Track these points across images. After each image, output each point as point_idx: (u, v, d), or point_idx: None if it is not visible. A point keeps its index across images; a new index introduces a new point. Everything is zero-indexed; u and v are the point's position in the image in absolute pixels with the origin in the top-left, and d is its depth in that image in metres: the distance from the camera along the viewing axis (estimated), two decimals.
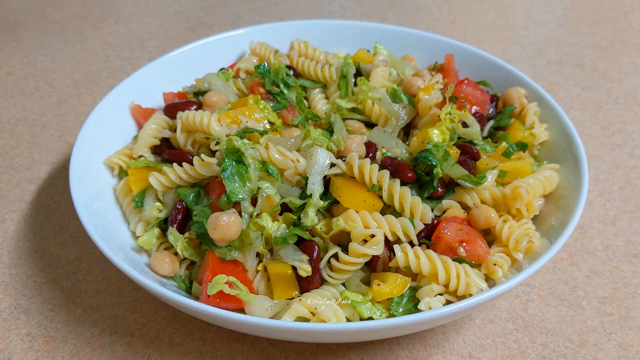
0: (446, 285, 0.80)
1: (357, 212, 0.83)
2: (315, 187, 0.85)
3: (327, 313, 0.74)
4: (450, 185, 0.91)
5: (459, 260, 0.81)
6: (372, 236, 0.80)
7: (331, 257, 0.82)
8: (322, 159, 0.87)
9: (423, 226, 0.84)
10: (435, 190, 0.88)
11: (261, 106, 1.01)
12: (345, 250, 0.82)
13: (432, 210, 0.88)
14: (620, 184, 1.16)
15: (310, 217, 0.82)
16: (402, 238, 0.83)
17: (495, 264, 0.82)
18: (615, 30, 1.74)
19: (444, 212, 0.89)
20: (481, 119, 1.02)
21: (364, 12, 1.84)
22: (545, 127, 1.04)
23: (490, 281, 0.83)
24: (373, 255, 0.81)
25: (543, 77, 1.51)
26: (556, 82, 1.49)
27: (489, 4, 1.91)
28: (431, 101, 1.01)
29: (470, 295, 0.78)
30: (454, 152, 0.92)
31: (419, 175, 0.88)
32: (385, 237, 0.82)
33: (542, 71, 1.54)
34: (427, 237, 0.85)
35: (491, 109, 1.09)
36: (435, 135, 0.93)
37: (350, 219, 0.82)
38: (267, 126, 0.99)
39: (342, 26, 1.34)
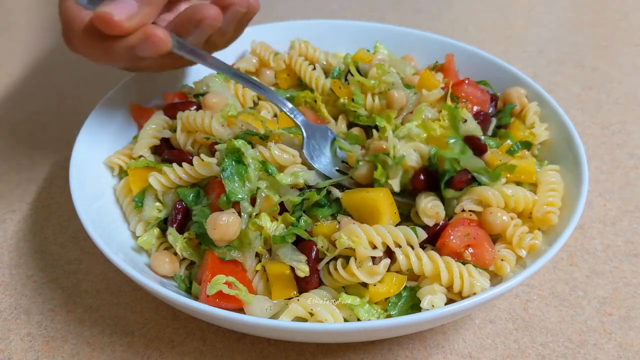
0: (449, 287, 0.79)
1: (359, 225, 0.80)
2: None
3: (325, 313, 0.74)
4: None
5: (464, 263, 0.80)
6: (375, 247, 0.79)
7: (332, 261, 0.81)
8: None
9: (426, 236, 0.83)
10: (454, 178, 0.85)
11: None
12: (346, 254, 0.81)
13: (450, 204, 0.87)
14: (620, 184, 1.16)
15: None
16: (405, 247, 0.82)
17: (502, 259, 0.82)
18: (615, 30, 1.74)
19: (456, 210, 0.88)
20: (485, 117, 1.02)
21: (364, 12, 1.83)
22: (545, 126, 1.04)
23: (494, 279, 0.82)
24: (373, 257, 0.80)
25: (543, 77, 1.50)
26: (556, 82, 1.49)
27: (489, 4, 1.91)
28: (433, 96, 1.00)
29: (475, 294, 0.78)
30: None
31: (432, 172, 0.87)
32: None
33: (542, 71, 1.54)
34: (432, 241, 0.84)
35: (491, 109, 1.09)
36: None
37: (353, 235, 0.78)
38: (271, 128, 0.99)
39: (342, 26, 1.34)
